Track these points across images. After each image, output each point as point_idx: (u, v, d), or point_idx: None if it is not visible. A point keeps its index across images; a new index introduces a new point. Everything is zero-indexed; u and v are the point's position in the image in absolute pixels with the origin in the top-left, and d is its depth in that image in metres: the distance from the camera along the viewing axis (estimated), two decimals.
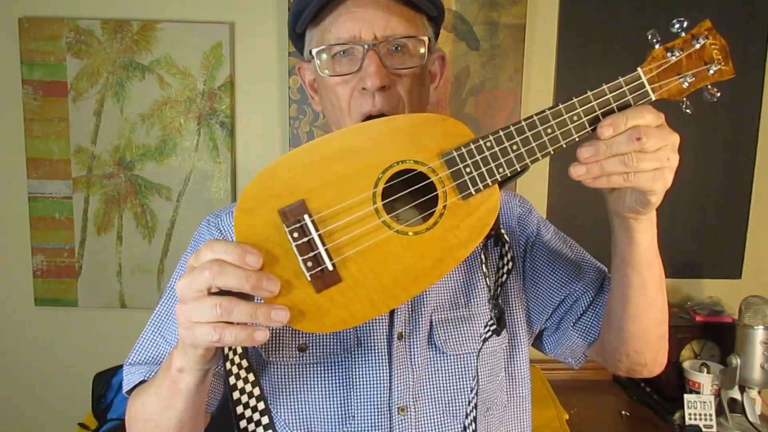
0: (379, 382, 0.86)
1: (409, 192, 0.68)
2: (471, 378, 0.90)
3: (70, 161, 1.94)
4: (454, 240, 0.66)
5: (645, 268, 0.80)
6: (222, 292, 0.61)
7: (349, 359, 0.86)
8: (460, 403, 0.89)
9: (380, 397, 0.86)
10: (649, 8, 1.94)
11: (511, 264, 0.80)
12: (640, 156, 0.68)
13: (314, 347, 0.87)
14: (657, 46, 0.74)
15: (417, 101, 0.85)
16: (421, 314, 0.89)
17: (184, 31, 1.90)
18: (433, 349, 0.89)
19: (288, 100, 1.94)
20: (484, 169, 0.67)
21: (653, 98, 0.71)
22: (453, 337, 0.90)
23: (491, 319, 0.80)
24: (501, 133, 0.68)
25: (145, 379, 0.85)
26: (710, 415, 1.71)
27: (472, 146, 0.68)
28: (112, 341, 1.98)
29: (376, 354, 0.86)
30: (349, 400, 0.86)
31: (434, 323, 0.90)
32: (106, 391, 1.74)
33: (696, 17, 0.82)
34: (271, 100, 1.96)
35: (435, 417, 0.88)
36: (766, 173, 2.05)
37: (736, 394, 1.73)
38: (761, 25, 1.98)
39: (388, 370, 0.86)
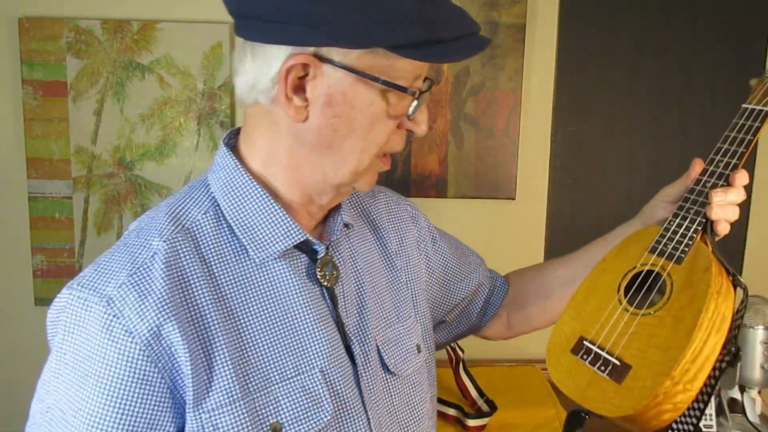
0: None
1: (644, 288, 0.85)
2: (424, 393, 0.89)
3: (70, 161, 1.94)
4: (689, 294, 0.79)
5: None
6: None
7: (331, 423, 0.74)
8: (421, 421, 0.87)
9: None
10: (650, 8, 1.94)
11: (743, 309, 0.84)
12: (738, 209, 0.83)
13: (290, 424, 0.71)
14: (754, 82, 0.91)
15: None
16: (369, 342, 0.82)
17: (184, 31, 1.90)
18: (385, 373, 0.83)
19: None
20: (678, 237, 0.84)
21: None
22: (400, 356, 0.86)
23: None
24: (675, 209, 0.86)
25: None
26: (710, 415, 1.71)
27: (662, 231, 0.86)
28: None
29: (354, 405, 0.77)
30: None
31: (380, 347, 0.83)
32: None
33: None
34: None
35: None
36: (766, 173, 2.05)
37: (736, 394, 1.73)
38: (761, 25, 1.98)
39: (366, 416, 0.78)
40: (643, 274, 0.85)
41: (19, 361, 2.04)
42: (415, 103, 0.72)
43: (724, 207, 0.81)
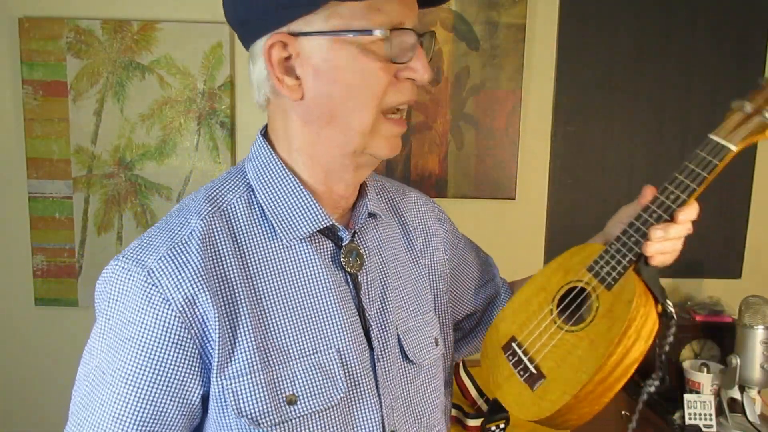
0: (374, 416, 0.80)
1: (575, 303, 0.88)
2: (439, 385, 0.91)
3: (70, 161, 1.94)
4: (608, 323, 0.81)
5: None
6: None
7: (345, 402, 0.78)
8: (435, 412, 0.89)
9: (376, 429, 0.80)
10: (649, 8, 1.94)
11: (672, 338, 0.86)
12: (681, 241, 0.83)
13: (304, 397, 0.75)
14: (727, 113, 0.88)
15: None
16: (389, 329, 0.85)
17: (184, 31, 1.90)
18: (404, 362, 0.86)
19: None
20: (613, 262, 0.84)
21: (735, 150, 0.82)
22: (420, 346, 0.88)
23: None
24: (621, 235, 0.85)
25: None
26: (710, 414, 1.71)
27: (602, 252, 0.86)
28: None
29: (369, 387, 0.80)
30: None
31: (401, 335, 0.86)
32: None
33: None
34: None
35: (420, 430, 0.87)
36: (766, 173, 2.05)
37: (736, 393, 1.73)
38: (761, 25, 1.98)
39: (378, 400, 0.81)
40: (577, 290, 0.87)
41: (19, 361, 2.04)
42: (393, 45, 0.73)
43: (662, 243, 0.81)
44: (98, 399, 0.73)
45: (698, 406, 1.72)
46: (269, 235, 0.79)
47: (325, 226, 0.79)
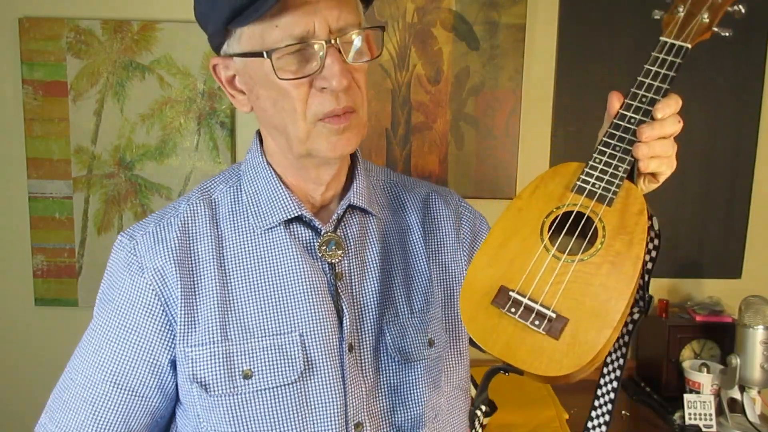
0: (334, 402, 0.81)
1: (569, 233, 0.78)
2: (423, 384, 0.87)
3: (70, 161, 1.94)
4: (626, 239, 0.74)
5: None
6: None
7: (300, 382, 0.80)
8: (414, 412, 0.87)
9: (337, 418, 0.80)
10: (649, 8, 1.94)
11: (655, 253, 0.79)
12: (671, 141, 0.77)
13: (260, 373, 0.79)
14: (663, 16, 0.85)
15: (366, 91, 0.82)
16: (368, 321, 0.86)
17: (184, 31, 1.90)
18: (385, 356, 0.86)
19: None
20: (607, 176, 0.77)
21: (689, 46, 0.80)
22: (408, 343, 0.87)
23: (639, 301, 0.80)
24: (599, 146, 0.79)
25: None
26: (710, 414, 1.71)
27: (587, 169, 0.79)
28: None
29: (330, 372, 0.81)
30: (304, 427, 0.80)
31: (385, 329, 0.86)
32: None
33: None
34: None
35: (391, 428, 0.85)
36: (766, 173, 2.05)
37: (736, 393, 1.73)
38: (761, 25, 1.98)
39: (342, 388, 0.81)
40: (568, 216, 0.78)
41: (19, 361, 2.04)
42: (293, 60, 0.75)
43: (653, 143, 0.76)
44: (85, 347, 0.86)
45: (698, 406, 1.72)
46: (248, 221, 0.86)
47: (294, 215, 0.84)
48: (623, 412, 1.78)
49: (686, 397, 1.73)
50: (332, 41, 0.74)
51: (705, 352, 1.90)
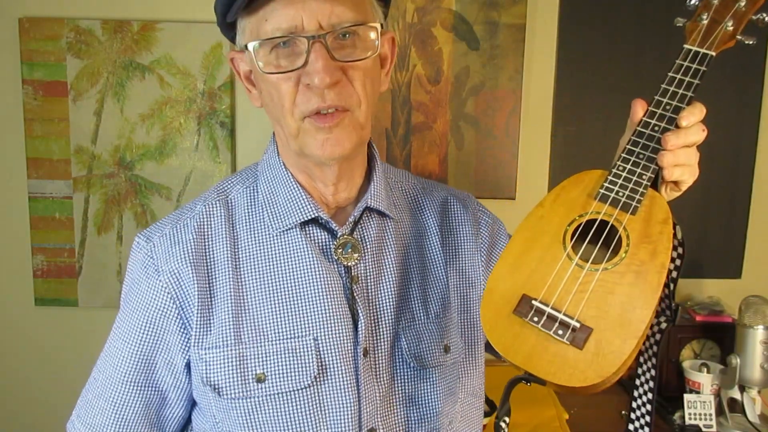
0: (348, 407, 0.80)
1: (591, 241, 0.77)
2: (438, 391, 0.86)
3: (70, 161, 1.94)
4: (650, 248, 0.73)
5: None
6: None
7: (314, 386, 0.79)
8: (428, 419, 0.86)
9: (350, 424, 0.80)
10: (649, 8, 1.94)
11: (679, 261, 0.78)
12: (695, 150, 0.76)
13: (273, 377, 0.79)
14: (686, 24, 0.83)
15: (371, 93, 0.80)
16: (384, 325, 0.84)
17: (184, 31, 1.90)
18: (400, 361, 0.85)
19: None
20: (631, 184, 0.76)
21: (714, 54, 0.79)
22: (424, 348, 0.86)
23: (665, 309, 0.79)
24: (623, 153, 0.79)
25: None
26: (710, 414, 1.71)
27: (610, 176, 0.78)
28: None
29: (344, 377, 0.80)
30: (317, 430, 0.79)
31: (401, 334, 0.85)
32: None
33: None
34: None
35: None
36: (766, 173, 2.05)
37: (736, 393, 1.73)
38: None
39: (356, 393, 0.80)
40: (590, 224, 0.77)
41: (19, 361, 2.04)
42: (280, 54, 0.75)
43: (678, 152, 0.75)
44: (107, 346, 0.87)
45: (698, 406, 1.72)
46: (264, 223, 0.85)
47: (311, 217, 0.83)
48: (623, 412, 1.78)
49: (686, 397, 1.73)
50: (319, 36, 0.73)
51: (705, 352, 1.90)
